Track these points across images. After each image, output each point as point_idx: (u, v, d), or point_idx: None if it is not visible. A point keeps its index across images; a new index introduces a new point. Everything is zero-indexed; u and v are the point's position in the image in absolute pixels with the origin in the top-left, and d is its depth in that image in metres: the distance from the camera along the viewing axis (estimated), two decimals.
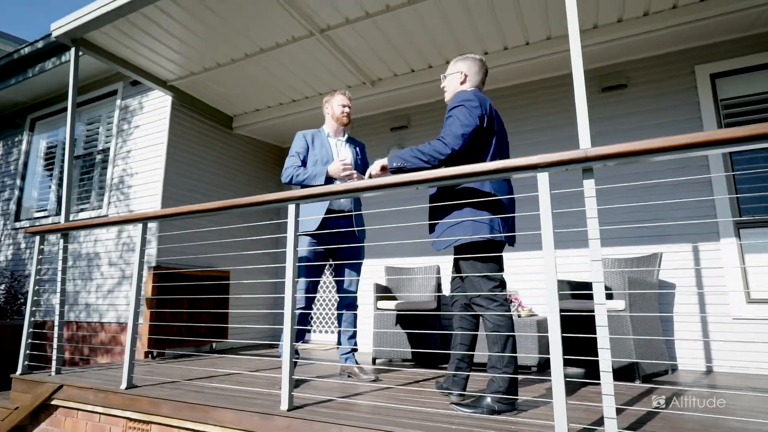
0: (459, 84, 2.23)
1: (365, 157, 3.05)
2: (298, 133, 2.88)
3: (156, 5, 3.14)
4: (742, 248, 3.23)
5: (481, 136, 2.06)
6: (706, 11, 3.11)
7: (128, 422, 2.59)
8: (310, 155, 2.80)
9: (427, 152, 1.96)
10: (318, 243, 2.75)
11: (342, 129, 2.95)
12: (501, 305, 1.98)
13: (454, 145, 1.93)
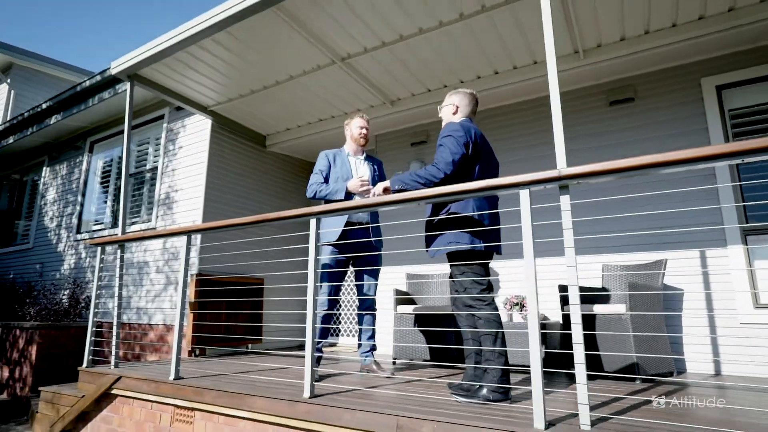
0: (452, 114, 2.53)
1: (383, 173, 3.36)
2: (321, 153, 3.22)
3: (198, 44, 3.59)
4: (749, 254, 3.31)
5: (467, 161, 2.33)
6: (705, 28, 3.26)
7: (176, 409, 2.99)
8: (332, 172, 3.14)
9: (424, 176, 2.25)
10: (339, 252, 3.08)
11: (360, 148, 3.27)
12: (488, 305, 2.23)
13: (446, 170, 2.22)
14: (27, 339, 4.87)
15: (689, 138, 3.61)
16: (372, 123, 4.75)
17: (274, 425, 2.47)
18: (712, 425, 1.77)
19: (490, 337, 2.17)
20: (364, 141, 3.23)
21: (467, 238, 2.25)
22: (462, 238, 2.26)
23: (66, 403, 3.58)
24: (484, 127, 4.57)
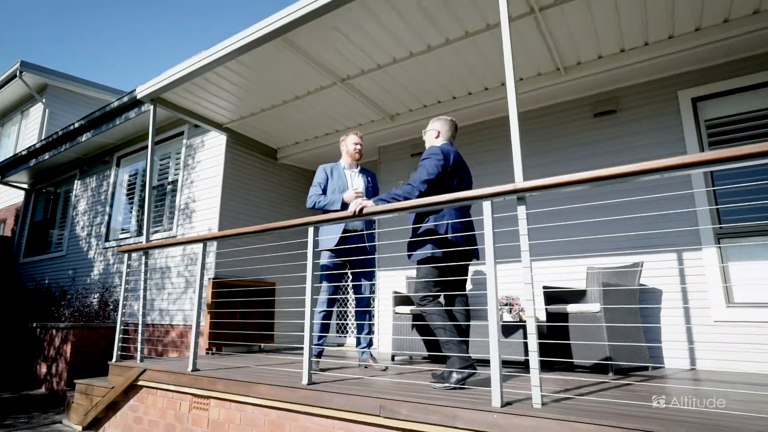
0: (434, 138, 2.87)
1: (376, 184, 3.70)
2: (319, 167, 3.58)
3: (213, 71, 4.00)
4: (722, 256, 3.52)
5: (446, 177, 2.66)
6: (674, 46, 3.50)
7: (193, 398, 3.36)
8: (329, 184, 3.48)
9: (401, 194, 2.59)
10: (336, 256, 3.41)
11: (355, 162, 3.61)
12: (431, 301, 2.60)
13: (420, 188, 2.56)
14: (62, 338, 5.35)
15: (667, 147, 3.84)
16: (374, 136, 5.13)
17: (277, 409, 2.81)
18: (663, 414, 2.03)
19: (439, 329, 2.49)
20: (359, 156, 3.57)
21: (430, 247, 2.59)
22: (428, 249, 2.60)
23: (98, 394, 4.00)
24: (477, 139, 4.87)
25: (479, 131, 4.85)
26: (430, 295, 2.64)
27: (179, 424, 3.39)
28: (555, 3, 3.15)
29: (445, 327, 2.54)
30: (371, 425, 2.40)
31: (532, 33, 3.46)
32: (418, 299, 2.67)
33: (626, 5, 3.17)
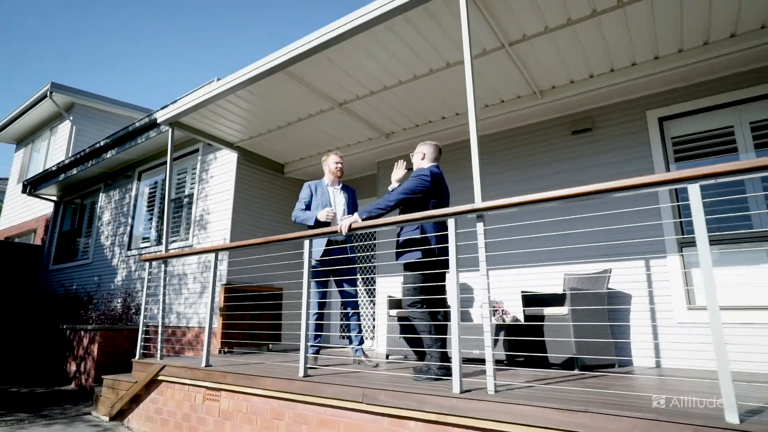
0: (420, 160, 3.28)
1: (354, 199, 4.12)
2: (305, 184, 4.02)
3: (225, 99, 4.48)
4: (684, 263, 3.83)
5: (428, 194, 3.06)
6: (637, 72, 3.86)
7: (206, 390, 3.79)
8: (313, 200, 3.91)
9: (383, 203, 3.00)
10: (322, 265, 3.83)
11: (337, 179, 4.04)
12: (419, 308, 2.95)
13: (398, 198, 2.98)
14: (90, 339, 5.87)
15: (636, 163, 4.17)
16: (372, 152, 5.56)
17: (278, 399, 3.22)
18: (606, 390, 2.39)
19: (424, 331, 2.87)
20: (340, 173, 4.01)
21: (415, 256, 2.98)
22: (412, 255, 2.98)
23: (123, 388, 4.48)
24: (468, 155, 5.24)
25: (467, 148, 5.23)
26: (418, 301, 3.01)
27: (194, 414, 3.83)
28: (523, 38, 3.53)
29: (428, 329, 2.92)
30: (355, 411, 2.79)
31: (507, 62, 3.84)
32: (407, 304, 3.06)
33: (588, 39, 3.53)
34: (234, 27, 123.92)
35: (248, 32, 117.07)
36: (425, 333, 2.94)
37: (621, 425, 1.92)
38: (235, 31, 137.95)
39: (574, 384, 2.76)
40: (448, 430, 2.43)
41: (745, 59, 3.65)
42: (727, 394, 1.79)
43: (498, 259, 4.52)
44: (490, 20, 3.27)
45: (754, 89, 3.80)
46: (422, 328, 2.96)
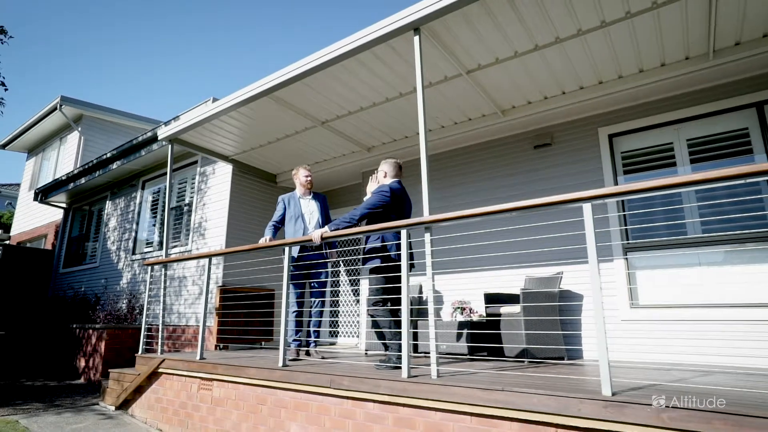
0: (383, 177, 3.72)
1: (326, 204, 4.57)
2: (279, 198, 4.51)
3: (219, 119, 4.96)
4: (628, 266, 4.26)
5: (389, 207, 3.51)
6: (587, 95, 4.30)
7: (201, 380, 4.26)
8: (287, 211, 4.39)
9: (348, 217, 3.45)
10: (296, 269, 4.29)
11: (308, 190, 4.51)
12: (380, 304, 3.40)
13: (362, 213, 3.42)
14: (98, 337, 6.37)
15: (589, 175, 4.60)
16: (356, 164, 6.03)
17: (261, 386, 3.68)
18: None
19: (386, 327, 3.33)
20: (310, 185, 4.49)
21: (377, 260, 3.44)
22: (375, 261, 3.45)
23: (127, 380, 4.96)
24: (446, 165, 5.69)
25: (446, 159, 5.68)
26: (380, 301, 3.47)
27: (190, 402, 4.30)
28: (478, 67, 3.98)
29: (389, 325, 3.38)
30: (324, 395, 3.25)
31: (469, 86, 4.29)
32: (371, 303, 3.53)
33: (535, 67, 3.98)
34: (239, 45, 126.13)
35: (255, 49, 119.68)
36: (386, 328, 3.39)
37: (527, 400, 2.37)
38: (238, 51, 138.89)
39: (513, 371, 3.20)
40: (397, 408, 2.88)
41: (687, 82, 4.07)
42: (603, 373, 2.23)
43: (467, 263, 4.96)
44: (447, 54, 3.72)
45: (692, 109, 4.23)
46: (384, 324, 3.41)
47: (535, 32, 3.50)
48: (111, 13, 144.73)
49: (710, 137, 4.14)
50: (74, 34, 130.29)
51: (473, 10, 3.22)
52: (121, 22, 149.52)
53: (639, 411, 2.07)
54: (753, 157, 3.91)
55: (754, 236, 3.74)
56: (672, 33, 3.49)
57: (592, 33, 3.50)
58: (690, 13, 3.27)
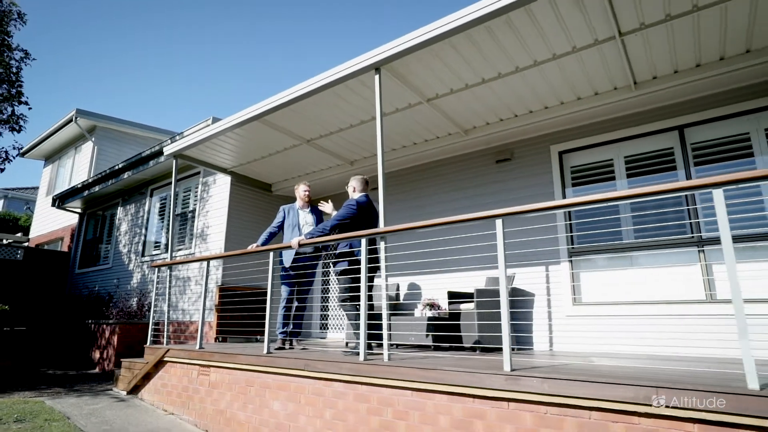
0: (353, 192, 4.36)
1: (321, 217, 5.19)
2: (280, 207, 5.13)
3: (218, 138, 5.62)
4: (573, 268, 4.84)
5: (357, 218, 4.14)
6: (537, 117, 4.89)
7: (200, 367, 4.92)
8: (286, 220, 5.02)
9: (321, 227, 4.09)
10: (290, 270, 4.93)
11: (306, 204, 5.14)
12: (350, 300, 4.03)
13: (332, 224, 4.05)
14: (111, 331, 7.07)
15: (542, 187, 5.19)
16: (342, 176, 6.66)
17: (249, 371, 4.33)
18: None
19: (352, 320, 3.96)
20: (308, 199, 5.11)
21: (345, 265, 4.08)
22: (343, 264, 4.08)
23: (137, 368, 5.64)
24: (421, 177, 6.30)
25: (419, 172, 6.30)
26: (347, 298, 4.11)
27: (191, 386, 4.96)
28: (436, 96, 4.61)
29: (355, 318, 4.01)
30: (300, 376, 3.88)
31: (432, 111, 4.91)
32: (339, 300, 4.17)
33: (484, 96, 4.58)
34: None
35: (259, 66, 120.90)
36: (352, 320, 4.02)
37: (453, 377, 2.98)
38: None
39: (459, 357, 3.81)
40: (357, 386, 3.51)
41: (618, 108, 4.65)
42: (506, 355, 2.84)
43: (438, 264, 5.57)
44: (407, 86, 4.35)
45: (632, 129, 4.80)
46: (350, 317, 4.05)
47: (479, 70, 4.12)
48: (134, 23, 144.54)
49: (643, 155, 4.72)
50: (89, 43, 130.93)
51: (423, 54, 3.85)
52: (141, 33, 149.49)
53: (528, 381, 2.69)
54: (676, 173, 4.49)
55: (677, 242, 4.32)
56: (596, 69, 4.09)
57: (528, 70, 4.10)
58: (606, 56, 3.87)
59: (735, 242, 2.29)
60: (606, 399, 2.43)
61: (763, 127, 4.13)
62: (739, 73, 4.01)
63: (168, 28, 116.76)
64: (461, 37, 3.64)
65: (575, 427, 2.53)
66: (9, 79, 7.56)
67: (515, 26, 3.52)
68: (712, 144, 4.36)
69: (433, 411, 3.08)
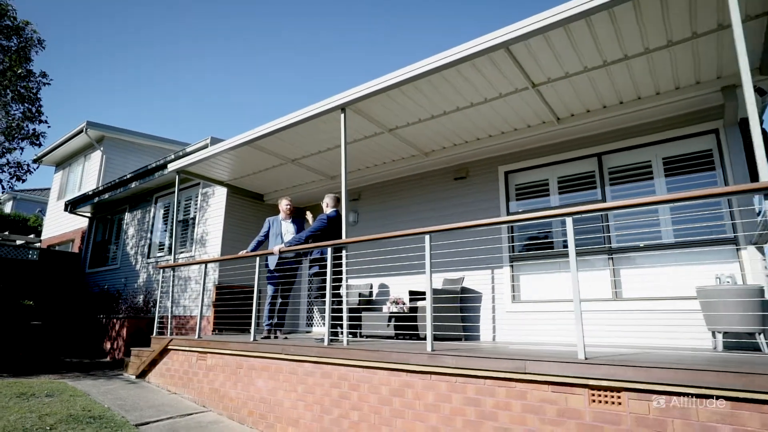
0: (326, 207, 5.27)
1: (302, 226, 6.09)
2: (266, 219, 6.03)
3: (216, 157, 6.53)
4: (512, 271, 5.74)
5: (326, 231, 5.04)
6: (484, 143, 5.79)
7: (198, 353, 5.84)
8: (271, 229, 5.92)
9: (297, 237, 5.01)
10: (275, 272, 5.83)
11: (288, 215, 6.03)
12: (321, 297, 4.93)
13: (307, 234, 4.96)
14: (120, 325, 7.99)
15: (490, 202, 6.08)
16: (323, 189, 7.55)
17: (239, 356, 5.24)
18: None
19: (321, 310, 4.87)
20: (289, 212, 6.00)
21: (316, 268, 4.99)
22: (315, 267, 5.00)
23: (144, 356, 6.56)
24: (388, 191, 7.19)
25: (389, 186, 7.19)
26: (319, 296, 5.02)
27: (190, 370, 5.88)
28: (396, 128, 5.51)
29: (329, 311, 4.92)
30: (278, 359, 4.79)
31: (393, 139, 5.81)
32: (313, 297, 5.08)
33: (436, 128, 5.48)
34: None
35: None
36: (324, 314, 4.92)
37: (390, 356, 3.88)
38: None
39: (401, 342, 4.71)
40: (322, 366, 4.41)
41: (548, 137, 5.54)
42: (428, 339, 3.74)
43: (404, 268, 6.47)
44: (370, 121, 5.25)
45: (561, 155, 5.68)
46: (322, 312, 4.95)
47: (428, 109, 5.02)
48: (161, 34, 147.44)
49: (572, 176, 5.61)
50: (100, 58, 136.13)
51: (380, 98, 4.75)
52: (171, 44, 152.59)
53: (443, 359, 3.59)
54: (596, 191, 5.38)
55: (596, 251, 5.20)
56: (521, 108, 4.99)
57: (467, 109, 5.00)
58: (527, 99, 4.77)
59: (594, 255, 3.19)
60: (493, 369, 3.33)
61: (661, 156, 5.02)
62: (642, 112, 4.89)
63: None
64: (409, 86, 4.54)
65: (474, 390, 3.44)
66: (30, 99, 8.47)
67: (449, 81, 4.43)
68: (624, 169, 5.26)
69: (377, 383, 3.98)
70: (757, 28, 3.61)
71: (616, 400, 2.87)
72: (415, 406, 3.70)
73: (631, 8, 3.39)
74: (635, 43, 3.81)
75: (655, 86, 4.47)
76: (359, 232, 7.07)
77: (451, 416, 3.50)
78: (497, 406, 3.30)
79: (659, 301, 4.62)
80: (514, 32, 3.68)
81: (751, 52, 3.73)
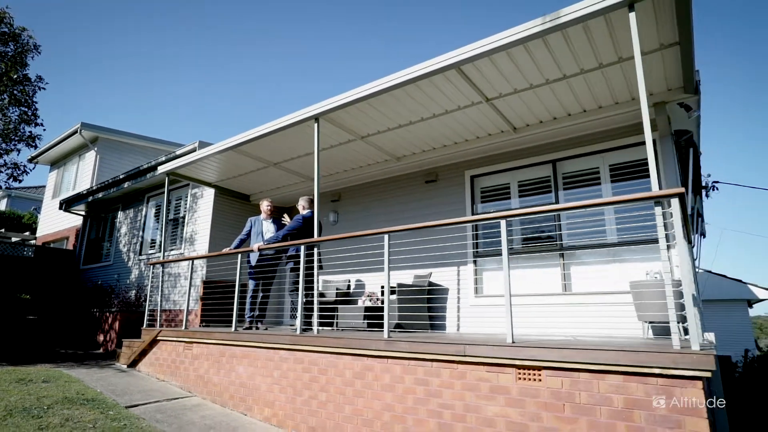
0: (302, 209, 5.73)
1: (280, 226, 6.54)
2: (248, 219, 6.48)
3: (204, 160, 6.96)
4: (476, 267, 6.22)
5: (303, 230, 5.51)
6: (449, 150, 6.26)
7: (185, 344, 6.29)
8: (253, 228, 6.37)
9: (275, 236, 5.47)
10: (255, 268, 6.29)
11: (268, 216, 6.48)
12: (296, 291, 5.40)
13: (284, 234, 5.42)
14: (113, 318, 8.42)
15: (457, 204, 6.55)
16: (305, 189, 7.99)
17: (222, 345, 5.69)
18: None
19: (295, 302, 5.34)
20: (269, 212, 6.45)
21: (293, 263, 5.46)
22: (291, 263, 5.47)
23: (135, 346, 7.00)
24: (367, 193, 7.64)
25: (366, 188, 7.66)
26: (294, 289, 5.48)
27: (178, 359, 6.33)
28: (368, 135, 5.97)
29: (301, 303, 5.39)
30: (256, 347, 5.25)
31: (366, 145, 6.27)
32: (289, 290, 5.53)
33: (405, 135, 5.94)
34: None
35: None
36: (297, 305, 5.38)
37: (353, 343, 4.35)
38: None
39: (365, 331, 5.18)
40: (295, 352, 4.88)
41: (507, 144, 6.02)
42: (385, 327, 4.21)
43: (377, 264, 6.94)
44: (342, 130, 5.71)
45: (520, 161, 6.16)
46: (296, 303, 5.41)
47: (394, 119, 5.49)
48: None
49: (530, 180, 6.09)
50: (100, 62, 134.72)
51: (351, 109, 5.21)
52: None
53: (398, 344, 4.06)
54: (551, 195, 5.86)
55: (548, 248, 5.69)
56: (480, 119, 5.47)
57: (429, 120, 5.47)
58: (483, 111, 5.24)
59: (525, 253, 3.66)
60: (438, 353, 3.81)
61: (608, 164, 5.51)
62: (588, 123, 5.38)
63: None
64: (374, 100, 5.00)
65: (423, 372, 3.91)
66: (26, 103, 8.86)
67: (410, 95, 4.90)
68: (576, 174, 5.74)
69: (342, 367, 4.45)
70: (671, 57, 4.07)
71: (537, 377, 3.36)
72: (373, 387, 4.17)
73: (560, 36, 3.86)
74: (570, 65, 4.29)
75: (596, 101, 4.96)
76: (339, 231, 7.52)
77: (404, 395, 3.97)
78: (442, 384, 3.78)
79: (603, 295, 5.11)
80: (463, 55, 4.15)
81: (676, 76, 4.24)
